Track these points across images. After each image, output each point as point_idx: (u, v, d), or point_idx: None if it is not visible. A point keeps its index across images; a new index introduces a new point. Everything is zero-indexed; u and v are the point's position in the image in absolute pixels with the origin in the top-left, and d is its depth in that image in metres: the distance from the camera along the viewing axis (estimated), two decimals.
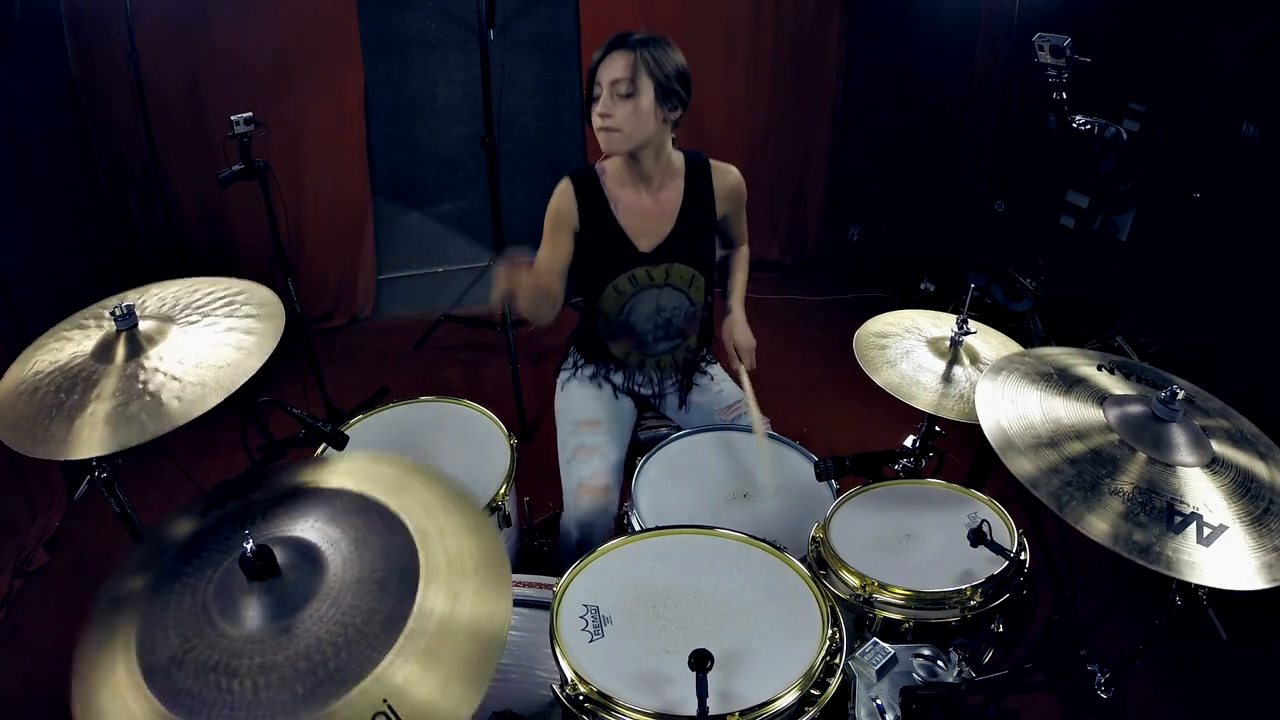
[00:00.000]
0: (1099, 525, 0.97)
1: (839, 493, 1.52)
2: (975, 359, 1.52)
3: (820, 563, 1.36)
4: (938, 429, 1.60)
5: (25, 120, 2.63)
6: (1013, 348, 1.57)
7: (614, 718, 0.99)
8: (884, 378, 1.49)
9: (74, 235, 2.88)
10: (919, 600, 1.27)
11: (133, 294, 1.39)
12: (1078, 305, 3.10)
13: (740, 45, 3.77)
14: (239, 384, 1.19)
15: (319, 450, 1.47)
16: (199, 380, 1.18)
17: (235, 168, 2.33)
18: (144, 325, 1.27)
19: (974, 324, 1.53)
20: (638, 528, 1.47)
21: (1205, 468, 1.04)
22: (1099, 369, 1.24)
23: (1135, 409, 1.12)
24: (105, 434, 1.11)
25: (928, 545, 1.38)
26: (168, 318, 1.31)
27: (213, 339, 1.27)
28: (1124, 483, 1.01)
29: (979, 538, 1.23)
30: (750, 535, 1.25)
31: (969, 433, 1.26)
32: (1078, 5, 2.97)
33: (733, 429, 1.76)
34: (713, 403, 1.90)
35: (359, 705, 0.77)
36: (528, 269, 1.48)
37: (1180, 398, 1.08)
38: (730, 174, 1.79)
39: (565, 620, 1.11)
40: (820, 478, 1.49)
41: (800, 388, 3.23)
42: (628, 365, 1.88)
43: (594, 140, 1.64)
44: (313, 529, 0.94)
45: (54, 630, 2.11)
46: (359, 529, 0.94)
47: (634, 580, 1.18)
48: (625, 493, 1.65)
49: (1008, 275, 3.29)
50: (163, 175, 3.16)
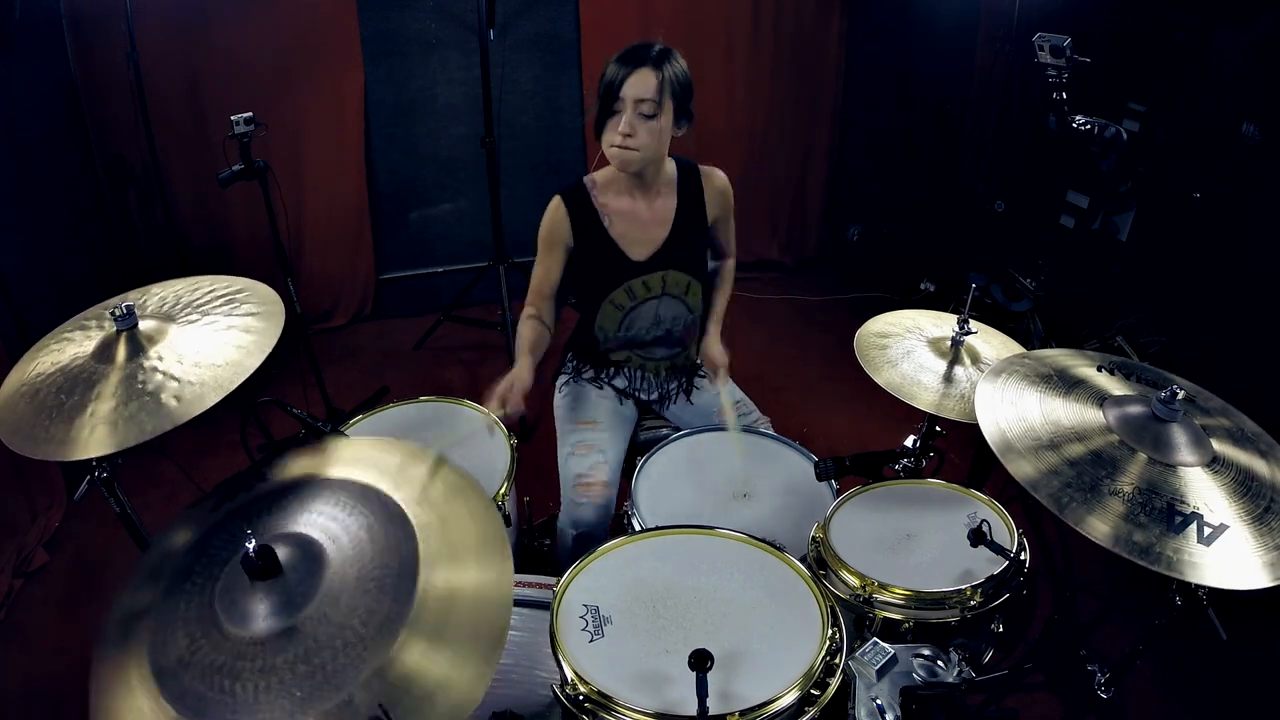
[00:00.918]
0: (1099, 526, 0.96)
1: (839, 493, 1.52)
2: (976, 359, 1.52)
3: (820, 563, 1.36)
4: (938, 429, 1.60)
5: (25, 120, 2.63)
6: (1014, 348, 1.57)
7: (614, 718, 0.99)
8: (885, 377, 1.49)
9: (74, 235, 2.88)
10: (919, 600, 1.27)
11: (135, 293, 1.39)
12: (1078, 305, 3.09)
13: (740, 45, 3.77)
14: (238, 383, 1.19)
15: None
16: (198, 379, 1.18)
17: (235, 168, 2.33)
18: (144, 325, 1.27)
19: (975, 324, 1.53)
20: (638, 528, 1.48)
21: (1206, 467, 1.04)
22: (1099, 370, 1.24)
23: (1135, 409, 1.12)
24: (105, 434, 1.11)
25: (928, 545, 1.38)
26: (168, 317, 1.31)
27: (212, 337, 1.27)
28: (1124, 483, 1.01)
29: (979, 538, 1.23)
30: (750, 535, 1.25)
31: (969, 433, 1.26)
32: (1078, 5, 2.96)
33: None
34: (711, 404, 1.89)
35: (359, 705, 0.77)
36: (513, 388, 1.58)
37: (1180, 398, 1.08)
38: (718, 178, 1.79)
39: (565, 620, 1.11)
40: (820, 478, 1.49)
41: (800, 388, 3.23)
42: (627, 370, 1.89)
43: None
44: (314, 522, 0.94)
45: (54, 630, 2.11)
46: (362, 515, 0.94)
47: (634, 580, 1.18)
48: (625, 493, 1.65)
49: (1008, 275, 3.29)
50: (163, 175, 3.16)
